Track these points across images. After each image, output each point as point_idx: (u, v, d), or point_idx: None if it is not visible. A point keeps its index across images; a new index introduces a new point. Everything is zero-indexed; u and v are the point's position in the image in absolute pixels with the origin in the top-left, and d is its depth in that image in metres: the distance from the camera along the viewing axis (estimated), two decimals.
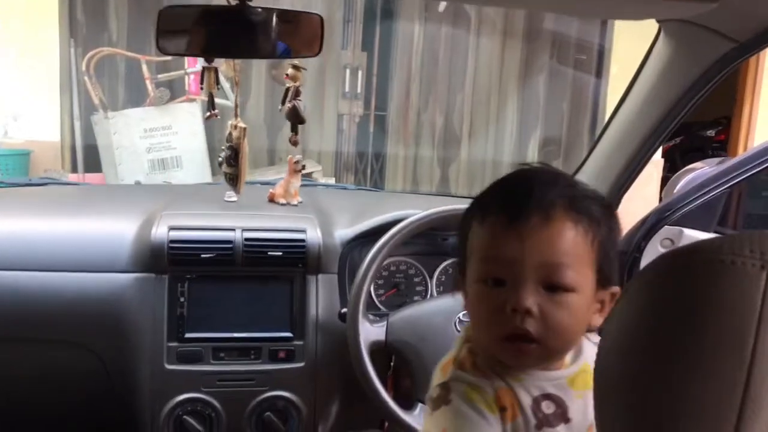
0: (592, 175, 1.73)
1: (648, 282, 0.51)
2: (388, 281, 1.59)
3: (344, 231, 1.51)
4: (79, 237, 1.44)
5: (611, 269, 0.80)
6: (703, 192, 1.70)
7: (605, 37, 4.68)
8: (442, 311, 1.36)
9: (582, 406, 0.80)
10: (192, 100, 3.90)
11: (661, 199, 1.99)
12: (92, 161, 3.97)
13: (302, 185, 1.62)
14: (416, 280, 1.60)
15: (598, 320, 0.80)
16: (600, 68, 4.76)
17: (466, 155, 4.95)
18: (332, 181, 4.42)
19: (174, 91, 4.05)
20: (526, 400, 0.78)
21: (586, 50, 4.76)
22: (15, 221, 1.48)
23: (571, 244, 0.75)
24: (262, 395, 1.40)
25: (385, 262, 1.54)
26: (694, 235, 1.71)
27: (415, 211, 1.43)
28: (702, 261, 0.47)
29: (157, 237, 1.39)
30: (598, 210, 0.78)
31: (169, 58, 3.78)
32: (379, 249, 1.37)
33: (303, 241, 1.44)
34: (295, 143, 1.25)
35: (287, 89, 1.18)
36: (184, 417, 1.37)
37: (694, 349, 0.45)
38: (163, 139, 3.80)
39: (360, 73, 4.59)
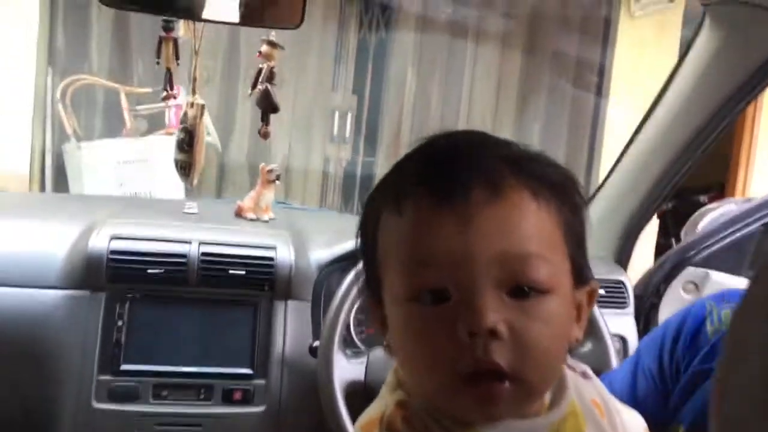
0: (612, 200, 1.54)
1: None
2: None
3: (321, 252, 1.29)
4: (4, 242, 1.21)
5: (585, 260, 0.57)
6: (733, 229, 1.51)
7: (606, 55, 4.56)
8: None
9: None
10: (171, 134, 3.72)
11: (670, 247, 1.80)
12: (61, 189, 3.76)
13: (279, 205, 1.41)
14: None
15: (578, 332, 0.56)
16: (600, 87, 4.62)
17: None
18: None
19: (154, 124, 3.89)
20: None
21: (586, 71, 4.63)
22: None
23: (535, 224, 0.52)
24: None
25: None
26: (722, 280, 1.51)
27: None
28: None
29: (96, 247, 1.17)
30: (559, 175, 0.55)
31: (149, 90, 3.64)
32: (360, 273, 1.15)
33: (272, 259, 1.22)
34: (265, 135, 1.05)
35: (259, 70, 0.99)
36: None
37: None
38: (137, 173, 3.60)
39: (349, 116, 4.46)
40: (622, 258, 1.51)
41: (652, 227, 3.32)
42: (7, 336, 1.13)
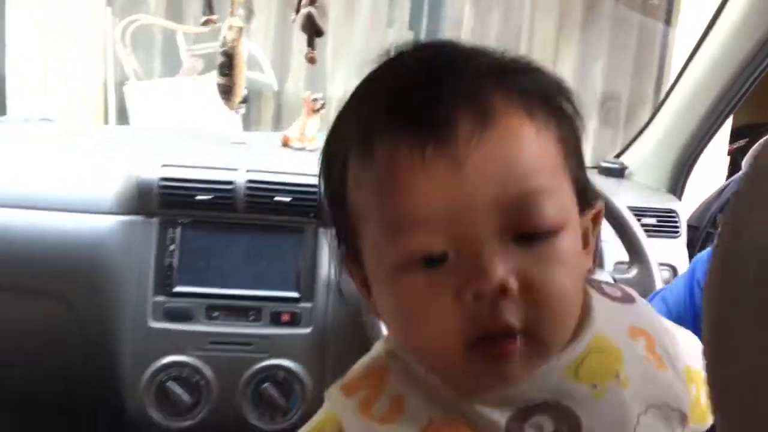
0: (659, 135, 1.50)
1: None
2: None
3: None
4: (64, 171, 1.27)
5: (587, 178, 0.49)
6: None
7: None
8: None
9: (607, 409, 0.46)
10: None
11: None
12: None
13: (321, 131, 1.42)
14: None
15: (588, 263, 0.49)
16: (669, 15, 4.41)
17: None
18: None
19: (211, 64, 3.93)
20: (497, 423, 0.44)
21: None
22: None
23: (536, 151, 0.43)
24: (261, 363, 1.19)
25: None
26: None
27: None
28: None
29: (148, 173, 1.20)
30: (552, 84, 0.47)
31: (206, 29, 3.67)
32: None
33: (317, 187, 1.23)
34: (311, 60, 1.05)
35: None
36: (169, 383, 1.17)
37: None
38: (194, 112, 3.68)
39: None
40: (676, 187, 1.47)
41: (722, 166, 3.19)
42: (67, 259, 1.19)
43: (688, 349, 0.52)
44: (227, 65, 0.97)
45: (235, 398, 1.19)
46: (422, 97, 0.42)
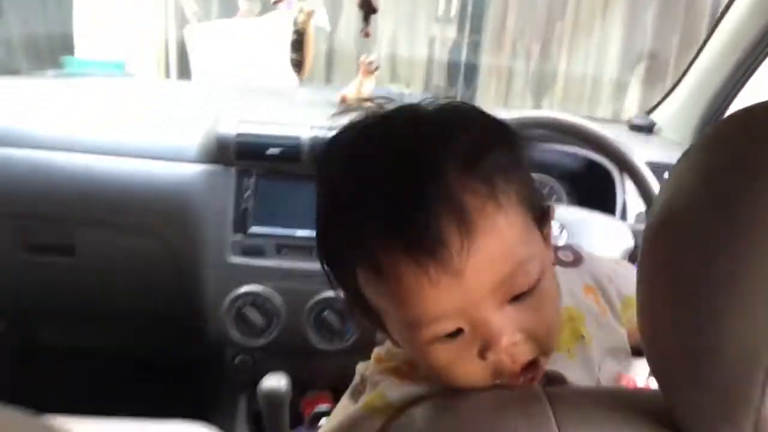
0: (687, 93, 1.61)
1: (701, 153, 0.45)
2: None
3: None
4: (153, 124, 1.46)
5: (539, 195, 0.57)
6: None
7: None
8: None
9: (581, 369, 0.62)
10: (282, 14, 3.88)
11: None
12: (184, 72, 4.06)
13: (381, 90, 1.58)
14: None
15: (551, 255, 0.58)
16: None
17: (560, 89, 4.75)
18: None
19: (267, 6, 4.05)
20: None
21: None
22: (93, 107, 1.51)
23: (510, 232, 0.50)
24: (322, 294, 1.39)
25: None
26: None
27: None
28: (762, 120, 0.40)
29: (226, 129, 1.39)
30: (499, 150, 0.53)
31: None
32: None
33: None
34: (367, 35, 1.20)
35: None
36: (245, 308, 1.39)
37: (742, 227, 0.39)
38: (251, 52, 3.82)
39: None
40: None
41: None
42: (159, 201, 1.39)
43: (625, 280, 0.68)
44: (299, 42, 1.13)
45: (300, 322, 1.40)
46: (413, 218, 0.48)
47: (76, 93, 1.60)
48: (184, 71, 4.06)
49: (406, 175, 0.49)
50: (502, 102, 4.78)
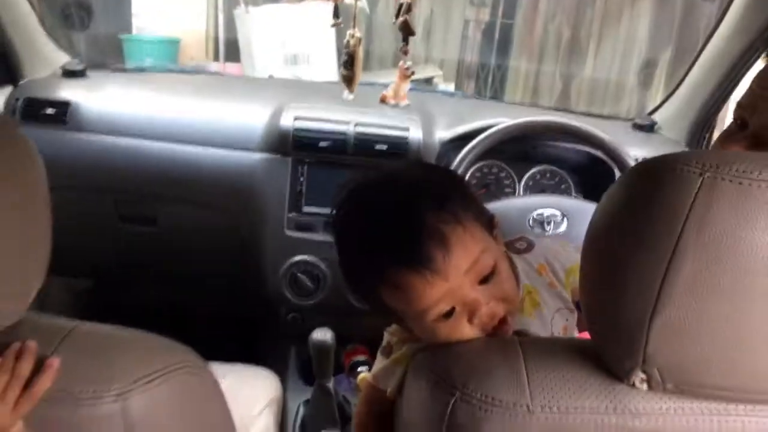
0: (684, 96, 1.81)
1: (620, 182, 0.69)
2: (480, 181, 1.79)
3: (443, 132, 1.71)
4: (223, 118, 1.72)
5: (484, 211, 0.84)
6: None
7: None
8: (519, 207, 1.55)
9: (539, 326, 0.87)
10: (326, 1, 4.10)
11: None
12: (232, 52, 4.31)
13: (411, 90, 1.82)
14: (506, 182, 1.79)
15: (501, 247, 0.86)
16: None
17: (590, 71, 4.90)
18: (452, 86, 4.54)
19: None
20: None
21: None
22: (173, 101, 1.78)
23: (471, 239, 0.76)
24: None
25: (479, 164, 1.74)
26: None
27: (507, 119, 1.61)
28: (656, 168, 0.64)
29: (285, 124, 1.65)
30: (453, 189, 0.81)
31: None
32: (469, 150, 1.56)
33: (406, 138, 1.65)
34: (405, 53, 1.44)
35: (401, 5, 1.36)
36: (298, 274, 1.67)
37: (633, 231, 0.63)
38: (296, 36, 4.05)
39: None
40: (692, 142, 1.77)
41: None
42: (228, 183, 1.66)
43: (567, 254, 0.94)
44: (350, 62, 1.37)
45: (343, 286, 1.66)
46: (410, 246, 0.74)
47: (158, 87, 1.87)
48: (232, 53, 4.32)
49: (399, 220, 0.75)
50: (533, 81, 4.95)
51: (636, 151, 1.66)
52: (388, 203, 0.78)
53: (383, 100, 1.78)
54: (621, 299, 0.64)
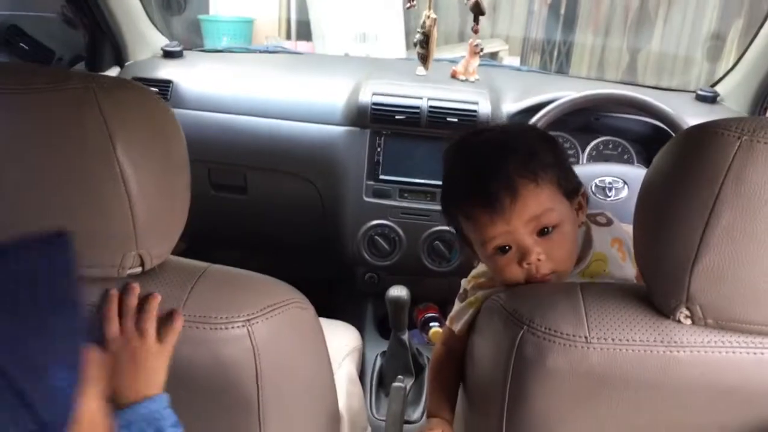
0: (746, 67, 1.85)
1: (669, 145, 0.79)
2: None
3: (510, 105, 1.81)
4: (305, 95, 1.86)
5: (571, 180, 0.93)
6: None
7: None
8: (582, 175, 1.62)
9: None
10: None
11: None
12: (304, 31, 4.44)
13: (480, 65, 1.93)
14: (570, 152, 1.88)
15: (583, 217, 0.96)
16: None
17: (657, 44, 4.83)
18: (517, 60, 4.56)
19: None
20: None
21: None
22: (260, 79, 1.93)
23: (541, 196, 0.87)
24: (433, 228, 1.79)
25: None
26: None
27: (572, 92, 1.70)
28: (700, 132, 0.73)
29: (364, 99, 1.78)
30: (545, 153, 0.90)
31: None
32: (534, 122, 1.67)
33: (475, 111, 1.76)
34: (476, 31, 1.55)
35: None
36: (375, 237, 1.81)
37: (679, 186, 0.73)
38: (365, 15, 4.15)
39: None
40: (754, 112, 1.82)
41: None
42: (313, 154, 1.81)
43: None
44: (425, 41, 1.49)
45: (417, 249, 1.81)
46: (484, 192, 0.88)
47: (244, 65, 2.04)
48: (303, 32, 4.46)
49: (486, 165, 0.90)
50: (599, 54, 4.92)
51: (697, 121, 1.71)
52: (484, 150, 0.92)
53: (454, 76, 1.89)
54: (668, 245, 0.73)
